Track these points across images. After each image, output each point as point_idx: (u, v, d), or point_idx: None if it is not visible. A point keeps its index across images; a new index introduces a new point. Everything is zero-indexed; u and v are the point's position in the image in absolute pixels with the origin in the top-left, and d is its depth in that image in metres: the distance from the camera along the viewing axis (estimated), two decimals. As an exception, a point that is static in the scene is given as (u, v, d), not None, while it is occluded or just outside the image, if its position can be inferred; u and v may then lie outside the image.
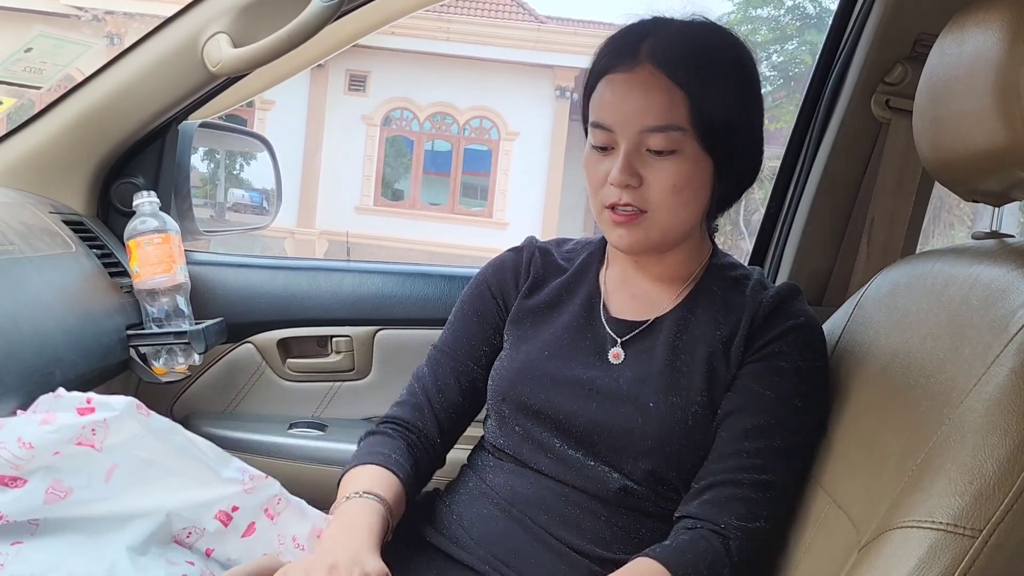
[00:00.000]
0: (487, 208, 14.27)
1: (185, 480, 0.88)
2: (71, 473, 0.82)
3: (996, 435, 0.68)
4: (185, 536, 0.87)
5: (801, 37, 16.18)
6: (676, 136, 0.99)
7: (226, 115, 1.78)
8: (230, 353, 1.55)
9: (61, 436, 0.81)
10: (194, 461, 0.89)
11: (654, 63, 1.00)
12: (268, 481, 0.92)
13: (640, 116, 0.99)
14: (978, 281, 0.82)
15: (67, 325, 1.18)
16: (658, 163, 1.00)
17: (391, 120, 14.30)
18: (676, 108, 0.99)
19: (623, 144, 1.00)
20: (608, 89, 1.02)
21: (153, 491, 0.86)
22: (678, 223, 1.03)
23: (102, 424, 0.83)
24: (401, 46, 12.65)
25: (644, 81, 1.00)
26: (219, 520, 0.88)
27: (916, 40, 1.36)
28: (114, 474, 0.84)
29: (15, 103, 1.58)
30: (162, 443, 0.87)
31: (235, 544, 0.89)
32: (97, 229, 1.43)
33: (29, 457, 0.79)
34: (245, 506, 0.89)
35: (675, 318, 1.07)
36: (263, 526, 0.91)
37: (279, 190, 1.83)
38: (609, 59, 1.04)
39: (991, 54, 0.78)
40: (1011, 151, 0.77)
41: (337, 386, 1.56)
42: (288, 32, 1.13)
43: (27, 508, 0.79)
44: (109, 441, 0.84)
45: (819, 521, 0.93)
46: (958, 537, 0.66)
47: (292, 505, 0.94)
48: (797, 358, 1.01)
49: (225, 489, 0.89)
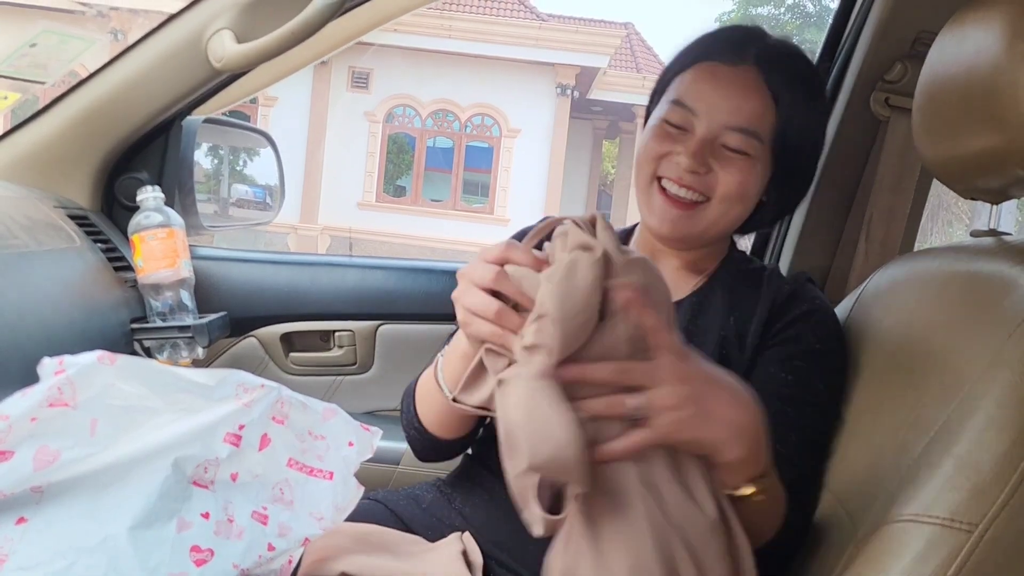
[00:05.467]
0: (488, 204, 14.27)
1: (174, 415, 0.84)
2: (54, 436, 0.78)
3: (993, 430, 0.68)
4: (203, 472, 0.84)
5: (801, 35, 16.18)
6: (754, 143, 1.00)
7: (230, 111, 1.78)
8: (233, 347, 1.56)
9: (32, 401, 0.79)
10: (179, 393, 0.84)
11: (760, 68, 1.01)
12: (265, 389, 0.88)
13: (730, 112, 1.00)
14: (976, 278, 0.83)
15: (71, 318, 1.19)
16: (728, 159, 1.00)
17: (393, 117, 14.30)
18: (765, 117, 1.00)
19: (701, 130, 1.00)
20: (706, 75, 1.02)
21: (145, 434, 0.82)
22: (726, 221, 1.04)
23: (67, 382, 0.80)
24: (404, 43, 12.64)
25: (747, 81, 1.01)
26: (229, 443, 0.84)
27: (916, 38, 1.36)
28: (97, 427, 0.81)
29: (19, 98, 1.59)
30: (137, 386, 0.83)
31: (256, 460, 0.86)
32: (101, 224, 1.43)
33: (7, 428, 0.78)
34: (250, 421, 0.85)
35: (690, 303, 1.07)
36: (276, 432, 0.87)
37: (282, 186, 1.84)
38: (713, 49, 1.04)
39: (990, 52, 0.79)
40: (1009, 149, 0.78)
41: (339, 380, 1.56)
42: (291, 28, 1.13)
43: (19, 479, 0.77)
44: (81, 397, 0.80)
45: (816, 515, 0.94)
46: (955, 531, 0.67)
47: (295, 402, 0.90)
48: (815, 340, 1.01)
49: (222, 409, 0.85)
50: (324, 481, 0.90)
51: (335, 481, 0.90)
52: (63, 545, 0.78)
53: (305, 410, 0.91)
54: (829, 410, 0.99)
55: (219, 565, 0.82)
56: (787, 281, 1.06)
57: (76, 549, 0.78)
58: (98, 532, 0.79)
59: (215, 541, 0.82)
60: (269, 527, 0.86)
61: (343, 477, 0.91)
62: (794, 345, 1.01)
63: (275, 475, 0.88)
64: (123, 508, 0.80)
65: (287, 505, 0.87)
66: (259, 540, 0.85)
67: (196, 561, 0.81)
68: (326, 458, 0.91)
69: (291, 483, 0.88)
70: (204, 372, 0.87)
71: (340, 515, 0.89)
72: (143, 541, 0.79)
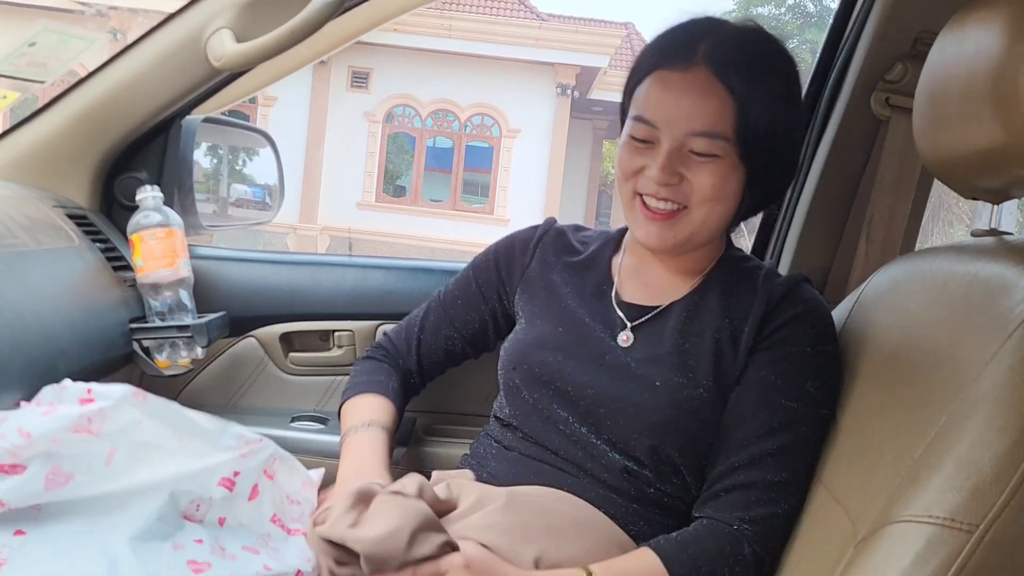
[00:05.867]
0: (488, 204, 14.27)
1: (184, 458, 0.88)
2: (71, 459, 0.81)
3: (993, 430, 0.68)
4: (194, 509, 0.87)
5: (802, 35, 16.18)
6: (720, 143, 0.99)
7: (229, 110, 1.78)
8: (233, 347, 1.56)
9: (58, 424, 0.81)
10: (192, 437, 0.90)
11: (710, 67, 1.00)
12: (263, 443, 0.95)
13: (689, 119, 0.99)
14: (977, 278, 0.83)
15: (71, 318, 1.18)
16: (698, 164, 1.00)
17: (393, 117, 14.30)
18: (725, 117, 0.99)
19: (666, 143, 1.00)
20: (659, 86, 1.02)
21: (154, 470, 0.86)
22: (710, 223, 1.04)
23: (99, 413, 0.83)
24: (403, 43, 12.65)
25: (698, 84, 0.99)
26: (223, 487, 0.89)
27: (916, 38, 1.36)
28: (114, 458, 0.83)
29: (19, 97, 1.58)
30: (160, 425, 0.88)
31: (243, 508, 0.91)
32: (100, 223, 1.43)
33: (27, 445, 0.79)
34: (245, 470, 0.92)
35: (685, 304, 1.08)
36: (265, 486, 0.94)
37: (282, 186, 1.83)
38: (663, 55, 1.03)
39: (991, 52, 0.78)
40: (1010, 149, 0.78)
41: (339, 380, 1.56)
42: (291, 28, 1.13)
43: (27, 494, 0.79)
44: (107, 428, 0.84)
45: (816, 516, 0.94)
46: (955, 532, 0.67)
47: (285, 462, 0.99)
48: (807, 342, 1.01)
49: (224, 456, 0.91)
50: (303, 537, 0.96)
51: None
52: (63, 551, 0.79)
53: (291, 473, 1.00)
54: (820, 412, 1.00)
55: (217, 574, 0.83)
56: (782, 282, 1.06)
57: (76, 554, 0.79)
58: (97, 543, 0.80)
59: (211, 558, 0.85)
60: (261, 556, 0.89)
61: None
62: (786, 347, 1.02)
63: (259, 527, 0.93)
64: (121, 527, 0.82)
65: (274, 551, 0.92)
66: (253, 563, 0.88)
67: (195, 570, 0.82)
68: (302, 521, 0.99)
69: (273, 537, 0.94)
70: (212, 419, 0.94)
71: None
72: (142, 550, 0.80)
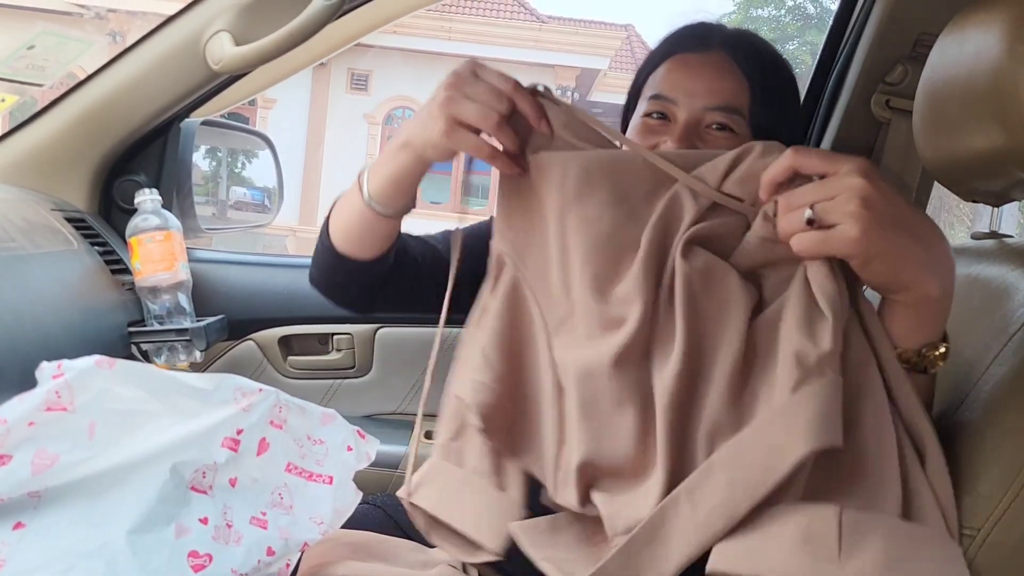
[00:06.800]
0: (489, 206, 14.26)
1: (173, 419, 0.83)
2: (52, 440, 0.79)
3: (995, 434, 0.68)
4: (201, 478, 0.83)
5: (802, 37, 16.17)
6: (737, 119, 1.00)
7: (228, 113, 1.78)
8: (231, 350, 1.55)
9: (30, 405, 0.79)
10: (177, 397, 0.84)
11: (727, 51, 1.02)
12: (263, 393, 0.87)
13: (708, 93, 1.00)
14: (977, 281, 0.83)
15: (69, 321, 1.18)
16: (714, 138, 1.01)
17: (393, 119, 14.29)
18: (741, 95, 1.00)
19: (683, 115, 1.00)
20: (678, 66, 1.03)
21: (144, 438, 0.82)
22: None
23: (66, 386, 0.79)
24: (403, 45, 12.65)
25: (717, 64, 1.02)
26: (228, 448, 0.83)
27: (916, 40, 1.36)
28: (95, 431, 0.80)
29: (17, 100, 1.58)
30: (135, 389, 0.83)
31: (254, 464, 0.86)
32: (99, 226, 1.43)
33: (5, 432, 0.78)
34: (248, 425, 0.84)
35: None
36: (274, 437, 0.87)
37: (281, 188, 1.83)
38: (680, 42, 1.06)
39: (991, 55, 0.78)
40: (1011, 151, 0.77)
41: (338, 383, 1.56)
42: (290, 30, 1.13)
43: (17, 483, 0.78)
44: (79, 401, 0.80)
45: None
46: (956, 536, 0.66)
47: (293, 407, 0.89)
48: None
49: (220, 414, 0.84)
50: (323, 486, 0.89)
51: (334, 485, 0.90)
52: (60, 550, 0.78)
53: (303, 414, 0.91)
54: None
55: (217, 570, 0.82)
56: None
57: (74, 554, 0.78)
58: (96, 537, 0.78)
59: (213, 546, 0.82)
60: (268, 531, 0.85)
61: (342, 481, 0.91)
62: None
63: (274, 480, 0.87)
64: (121, 512, 0.79)
65: (286, 510, 0.87)
66: (258, 545, 0.84)
67: (194, 567, 0.80)
68: (325, 463, 0.91)
69: (290, 488, 0.88)
70: (202, 376, 0.86)
71: (339, 519, 0.89)
72: (141, 546, 0.79)
